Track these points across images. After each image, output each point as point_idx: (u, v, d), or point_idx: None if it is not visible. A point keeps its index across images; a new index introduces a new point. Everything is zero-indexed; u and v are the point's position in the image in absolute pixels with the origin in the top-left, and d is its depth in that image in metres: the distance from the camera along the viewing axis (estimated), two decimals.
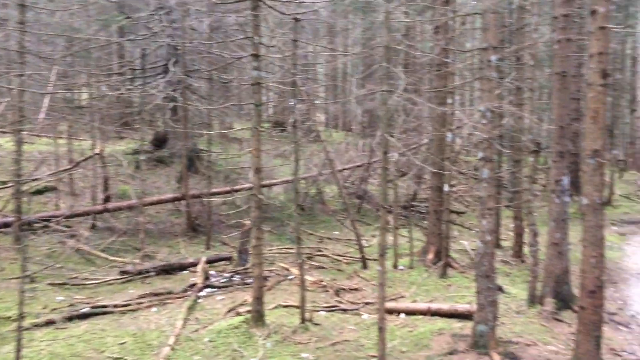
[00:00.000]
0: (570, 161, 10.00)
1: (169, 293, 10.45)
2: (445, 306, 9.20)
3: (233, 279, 11.36)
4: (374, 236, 15.89)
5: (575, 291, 10.29)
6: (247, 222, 11.54)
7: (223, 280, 11.26)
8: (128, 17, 17.23)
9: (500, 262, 13.62)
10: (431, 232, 12.74)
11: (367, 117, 24.30)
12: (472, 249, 14.13)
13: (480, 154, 7.05)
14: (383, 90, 6.28)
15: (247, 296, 9.53)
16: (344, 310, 9.76)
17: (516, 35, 12.34)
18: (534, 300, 9.54)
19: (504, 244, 15.46)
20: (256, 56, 8.21)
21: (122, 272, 11.50)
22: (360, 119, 24.31)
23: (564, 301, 9.43)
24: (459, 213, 18.44)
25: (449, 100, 10.81)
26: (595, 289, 6.28)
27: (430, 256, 12.48)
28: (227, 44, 14.30)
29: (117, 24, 18.30)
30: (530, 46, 9.32)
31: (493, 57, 6.84)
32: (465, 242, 14.64)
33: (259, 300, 8.46)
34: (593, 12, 6.06)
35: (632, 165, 30.71)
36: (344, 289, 11.01)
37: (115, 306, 9.46)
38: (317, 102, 20.17)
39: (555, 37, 9.25)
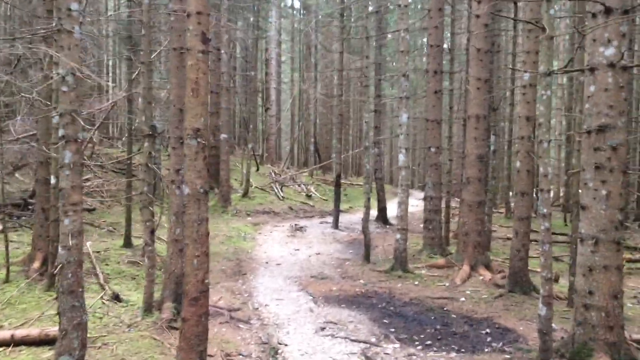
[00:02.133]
0: None
1: None
2: (35, 331, 7.14)
3: None
4: None
5: None
6: None
7: None
8: None
9: (129, 263, 12.17)
10: (38, 235, 10.35)
11: None
12: (95, 251, 12.27)
13: (62, 132, 5.32)
14: None
15: None
16: None
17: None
18: (151, 307, 8.31)
19: (136, 242, 14.06)
20: None
21: None
22: None
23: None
24: (89, 210, 16.23)
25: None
26: (199, 295, 5.29)
27: (37, 264, 10.11)
28: None
29: None
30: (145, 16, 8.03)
31: (74, 5, 5.18)
32: (89, 243, 12.64)
33: None
34: None
35: (267, 160, 33.37)
36: None
37: None
38: None
39: (171, 8, 8.18)
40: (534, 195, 13.62)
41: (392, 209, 21.10)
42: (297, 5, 44.83)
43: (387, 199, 24.43)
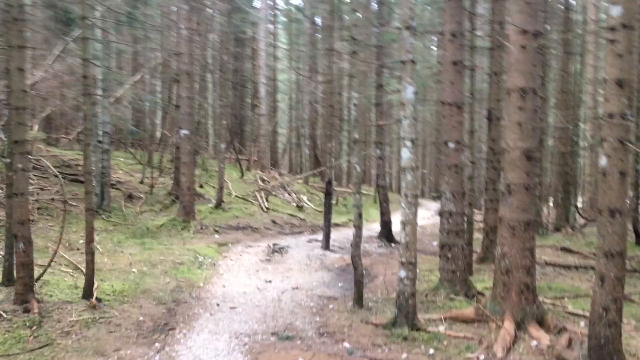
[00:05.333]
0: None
1: None
2: None
3: None
4: None
5: None
6: None
7: None
8: None
9: None
10: None
11: None
12: None
13: None
14: None
15: None
16: None
17: None
18: None
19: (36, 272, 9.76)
20: None
21: None
22: None
23: None
24: None
25: None
26: None
27: None
28: None
29: None
30: None
31: None
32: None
33: None
34: None
35: (256, 164, 29.12)
36: None
37: None
38: None
39: None
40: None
41: (398, 223, 16.79)
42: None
43: (393, 210, 19.99)
